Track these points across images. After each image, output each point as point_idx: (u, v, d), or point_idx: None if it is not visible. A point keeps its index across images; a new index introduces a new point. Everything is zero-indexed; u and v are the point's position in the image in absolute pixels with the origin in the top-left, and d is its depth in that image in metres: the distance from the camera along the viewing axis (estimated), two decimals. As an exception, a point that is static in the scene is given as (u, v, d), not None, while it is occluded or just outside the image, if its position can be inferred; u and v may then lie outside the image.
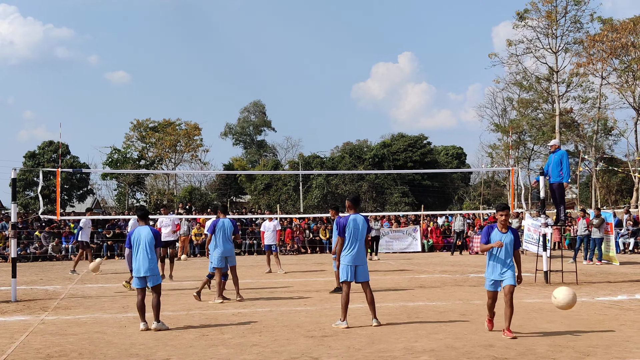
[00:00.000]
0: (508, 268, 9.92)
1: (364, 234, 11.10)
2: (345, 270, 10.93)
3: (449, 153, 72.27)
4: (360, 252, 10.99)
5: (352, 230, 10.97)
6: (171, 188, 63.73)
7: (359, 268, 10.97)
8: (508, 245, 9.94)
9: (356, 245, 10.96)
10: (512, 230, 10.08)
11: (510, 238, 9.97)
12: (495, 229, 10.08)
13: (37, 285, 18.74)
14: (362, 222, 11.13)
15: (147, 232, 11.00)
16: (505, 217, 10.03)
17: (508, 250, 9.94)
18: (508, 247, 9.94)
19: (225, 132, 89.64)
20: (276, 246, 21.90)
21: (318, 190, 59.22)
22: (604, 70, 51.15)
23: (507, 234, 9.99)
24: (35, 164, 57.94)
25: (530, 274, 19.29)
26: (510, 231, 10.03)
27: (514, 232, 10.08)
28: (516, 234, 10.13)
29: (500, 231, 10.02)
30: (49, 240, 30.67)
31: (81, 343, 9.80)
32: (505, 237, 9.97)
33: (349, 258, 10.93)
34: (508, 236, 9.98)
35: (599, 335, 9.95)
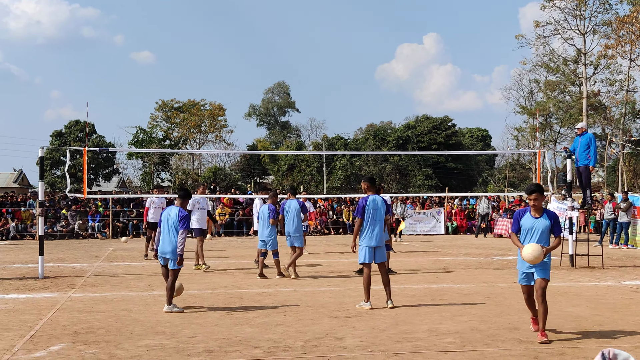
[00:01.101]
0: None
1: (383, 215, 11.09)
2: (364, 251, 10.91)
3: (474, 135, 71.80)
4: (379, 233, 10.97)
5: (371, 211, 10.95)
6: (196, 168, 64.08)
7: (378, 250, 10.96)
8: (543, 231, 8.62)
9: (376, 226, 10.94)
10: (550, 214, 8.74)
11: (545, 224, 8.63)
12: (527, 213, 8.82)
13: (64, 262, 18.95)
14: (381, 202, 11.11)
15: (176, 213, 10.80)
16: (536, 201, 8.67)
17: (543, 237, 8.62)
18: (543, 234, 8.62)
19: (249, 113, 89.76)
20: (307, 227, 22.18)
21: (342, 172, 59.20)
22: (633, 52, 50.39)
23: (540, 218, 8.69)
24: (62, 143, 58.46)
25: (556, 257, 19.18)
26: (545, 215, 8.72)
27: (551, 216, 8.70)
28: (555, 218, 8.74)
29: (533, 216, 8.73)
30: (75, 218, 30.99)
31: (108, 320, 9.91)
32: (538, 223, 8.67)
33: (368, 239, 10.92)
34: (542, 221, 8.66)
35: (625, 319, 9.87)
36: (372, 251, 10.90)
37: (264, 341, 8.47)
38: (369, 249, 10.89)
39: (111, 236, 30.47)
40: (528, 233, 8.72)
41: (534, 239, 8.62)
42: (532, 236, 8.66)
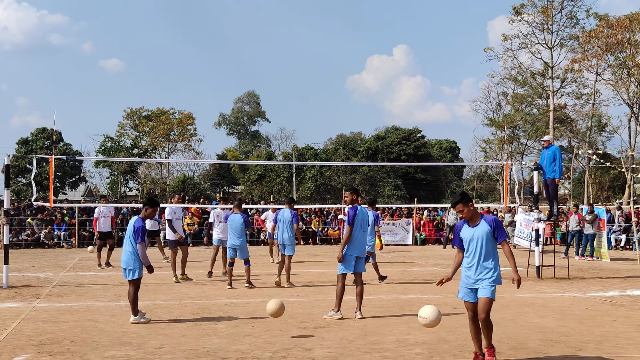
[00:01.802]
0: (486, 271, 7.79)
1: (367, 225, 11.20)
2: (349, 261, 10.90)
3: (443, 147, 72.32)
4: (363, 243, 11.02)
5: (360, 221, 10.99)
6: (164, 177, 63.65)
7: (360, 260, 10.99)
8: (485, 239, 7.70)
9: (362, 236, 10.99)
10: (488, 220, 7.78)
11: (484, 230, 7.71)
12: (465, 224, 7.90)
13: (29, 272, 18.69)
14: (366, 213, 11.20)
15: (131, 224, 10.57)
16: (462, 212, 7.78)
17: (488, 245, 7.73)
18: (486, 241, 7.70)
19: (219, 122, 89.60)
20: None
21: (311, 182, 59.24)
22: (599, 66, 51.26)
23: (478, 226, 7.77)
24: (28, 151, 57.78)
25: (522, 268, 19.35)
26: (483, 221, 7.77)
27: (490, 221, 7.77)
28: (495, 222, 7.83)
29: (471, 226, 7.83)
30: (41, 227, 30.59)
31: (73, 331, 9.78)
32: (477, 231, 7.75)
33: (354, 249, 10.92)
34: (480, 228, 7.73)
35: (590, 330, 9.98)
36: (354, 260, 10.92)
37: (232, 352, 8.42)
38: (353, 259, 10.90)
39: (77, 245, 30.10)
40: (470, 244, 7.79)
41: (478, 248, 7.69)
42: (475, 246, 7.72)
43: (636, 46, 48.52)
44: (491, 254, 7.78)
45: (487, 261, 7.76)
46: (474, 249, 7.74)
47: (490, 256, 7.77)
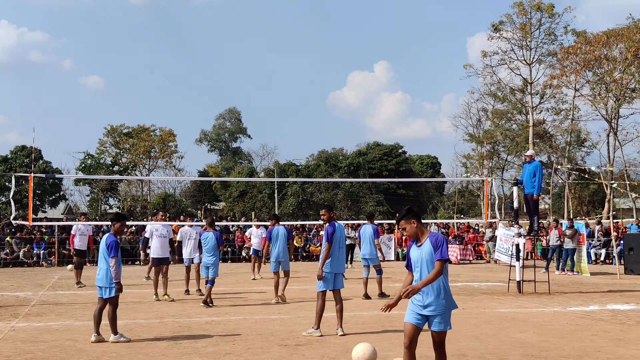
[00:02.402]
0: (434, 297, 6.90)
1: (344, 241, 11.24)
2: (328, 278, 10.89)
3: (424, 162, 72.63)
4: (342, 260, 11.06)
5: (338, 239, 11.02)
6: (145, 194, 63.34)
7: (338, 276, 10.99)
8: (428, 260, 6.89)
9: (340, 253, 11.02)
10: (431, 238, 6.94)
11: (427, 250, 6.92)
12: (413, 243, 7.14)
13: (8, 291, 18.49)
14: (343, 230, 11.24)
15: (104, 240, 10.50)
16: (405, 230, 7.11)
17: (429, 267, 6.88)
18: (428, 264, 6.89)
19: (200, 139, 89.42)
20: (261, 252, 22.54)
21: (293, 198, 59.17)
22: (577, 82, 51.72)
23: (423, 245, 6.99)
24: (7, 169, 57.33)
25: (503, 283, 19.42)
26: (427, 240, 6.96)
27: (432, 240, 6.93)
28: (437, 239, 6.95)
29: (418, 245, 7.06)
30: (20, 246, 30.31)
31: (52, 350, 9.68)
32: (422, 251, 6.98)
33: (333, 266, 10.93)
34: (425, 248, 6.95)
35: (570, 345, 10.02)
36: (334, 277, 10.92)
37: (213, 371, 8.36)
38: (332, 275, 10.90)
39: (57, 264, 29.84)
40: (415, 265, 7.02)
41: (424, 269, 6.89)
42: (420, 267, 6.94)
43: (614, 62, 49.08)
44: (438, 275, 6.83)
45: (435, 283, 6.85)
46: (420, 271, 6.93)
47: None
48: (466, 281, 21.30)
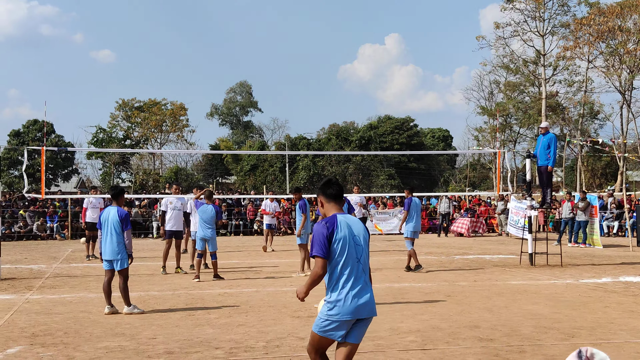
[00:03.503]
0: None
1: None
2: None
3: (436, 135, 72.33)
4: None
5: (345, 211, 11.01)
6: (157, 168, 63.50)
7: None
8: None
9: None
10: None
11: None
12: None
13: (22, 264, 18.63)
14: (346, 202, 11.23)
15: (114, 214, 10.52)
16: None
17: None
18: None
19: (211, 113, 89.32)
20: (275, 225, 22.69)
21: (304, 172, 59.18)
22: (591, 54, 51.29)
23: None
24: (20, 143, 57.54)
25: (515, 256, 19.41)
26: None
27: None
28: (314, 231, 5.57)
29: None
30: (33, 219, 30.50)
31: (66, 322, 9.76)
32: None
33: None
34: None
35: (583, 316, 10.01)
36: None
37: (226, 342, 8.41)
38: None
39: (70, 237, 30.03)
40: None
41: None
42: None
43: (627, 33, 48.55)
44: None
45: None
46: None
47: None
48: (478, 254, 21.30)
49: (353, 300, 5.40)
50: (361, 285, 5.47)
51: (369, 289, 5.56)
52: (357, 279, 5.46)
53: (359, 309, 5.42)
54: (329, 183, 5.76)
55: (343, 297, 5.39)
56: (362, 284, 5.48)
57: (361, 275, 5.49)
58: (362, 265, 5.53)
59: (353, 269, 5.45)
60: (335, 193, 5.73)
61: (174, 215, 16.46)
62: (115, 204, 10.78)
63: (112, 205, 10.79)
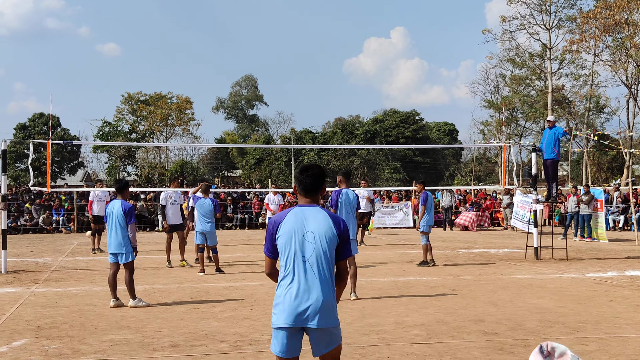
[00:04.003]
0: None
1: (354, 207, 11.14)
2: None
3: (441, 129, 72.21)
4: (351, 226, 10.98)
5: (344, 204, 10.97)
6: (162, 162, 63.55)
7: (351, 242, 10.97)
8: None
9: (348, 219, 10.95)
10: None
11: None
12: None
13: (28, 257, 18.70)
14: (353, 196, 11.17)
15: (119, 207, 10.51)
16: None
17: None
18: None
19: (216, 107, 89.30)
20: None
21: (310, 165, 59.14)
22: (597, 47, 51.04)
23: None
24: (26, 136, 57.65)
25: (520, 250, 19.39)
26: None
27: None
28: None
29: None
30: (39, 212, 30.59)
31: (72, 315, 9.79)
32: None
33: None
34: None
35: (588, 311, 9.99)
36: None
37: (231, 335, 8.43)
38: None
39: (76, 230, 30.12)
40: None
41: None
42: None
43: (634, 26, 48.28)
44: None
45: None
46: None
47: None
48: (483, 247, 21.28)
49: (292, 304, 4.61)
50: (305, 288, 4.62)
51: (320, 294, 4.62)
52: (300, 280, 4.64)
53: (300, 314, 4.60)
54: (303, 171, 4.92)
55: (281, 300, 4.68)
56: (307, 286, 4.63)
57: (308, 276, 4.65)
58: (310, 266, 4.67)
59: (295, 269, 4.68)
60: (305, 187, 4.89)
61: (174, 209, 16.56)
62: (120, 197, 10.78)
63: (117, 198, 10.79)
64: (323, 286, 4.65)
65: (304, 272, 4.67)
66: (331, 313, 4.66)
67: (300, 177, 4.89)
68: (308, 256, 4.68)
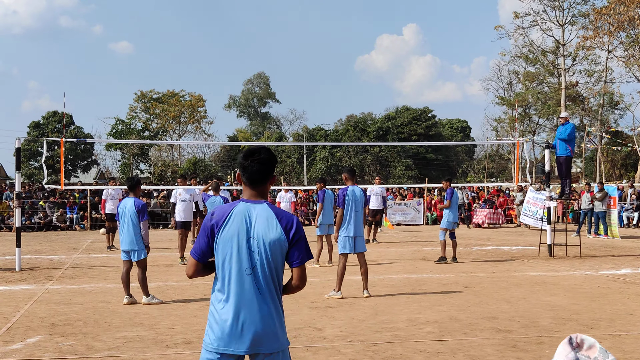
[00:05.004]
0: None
1: (362, 205, 11.11)
2: (345, 242, 10.90)
3: (454, 126, 72.05)
4: (359, 223, 10.97)
5: (351, 202, 10.94)
6: (175, 159, 63.74)
7: (358, 239, 10.96)
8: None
9: (356, 216, 10.94)
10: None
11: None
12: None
13: (42, 254, 18.79)
14: (360, 193, 11.13)
15: (131, 205, 10.54)
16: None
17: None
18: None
19: (229, 104, 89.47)
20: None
21: (322, 163, 59.19)
22: (610, 43, 50.77)
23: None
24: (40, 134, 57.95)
25: (533, 247, 19.31)
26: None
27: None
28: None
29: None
30: (53, 210, 30.74)
31: (85, 312, 9.83)
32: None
33: (348, 229, 10.91)
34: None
35: (602, 308, 9.94)
36: (352, 241, 10.89)
37: (243, 332, 8.42)
38: (350, 239, 10.88)
39: (89, 228, 30.26)
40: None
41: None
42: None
43: (648, 22, 48.01)
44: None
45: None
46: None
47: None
48: (496, 245, 21.21)
49: (230, 326, 3.80)
50: (246, 307, 3.82)
51: (263, 314, 3.83)
52: (240, 297, 3.83)
53: (239, 339, 3.79)
54: (247, 156, 4.03)
55: (215, 320, 3.87)
56: (248, 304, 3.82)
57: (250, 292, 3.84)
58: (253, 279, 3.86)
59: (234, 283, 3.86)
60: (251, 175, 4.01)
61: (184, 206, 16.68)
62: (132, 195, 10.82)
63: (129, 196, 10.83)
64: (267, 303, 3.86)
65: (244, 286, 3.84)
66: (277, 335, 3.86)
67: (245, 163, 3.99)
68: (251, 267, 3.86)
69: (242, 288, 3.84)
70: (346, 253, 10.92)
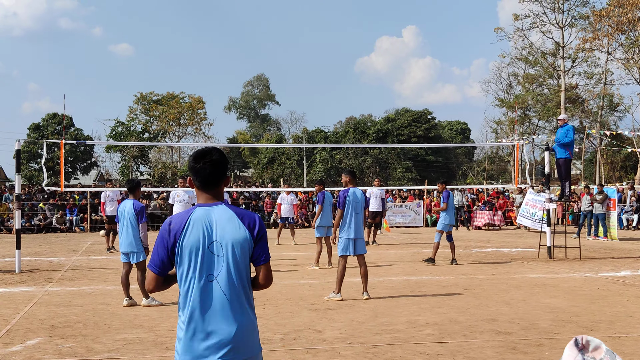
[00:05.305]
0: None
1: (362, 207, 11.10)
2: (345, 244, 10.90)
3: (453, 128, 72.03)
4: (359, 225, 10.97)
5: (352, 204, 10.93)
6: (175, 161, 63.73)
7: (358, 241, 10.96)
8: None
9: (356, 218, 10.94)
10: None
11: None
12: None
13: (41, 256, 18.79)
14: (361, 194, 11.13)
15: (130, 207, 10.55)
16: None
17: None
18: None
19: (229, 106, 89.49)
20: (292, 219, 22.64)
21: (322, 165, 59.18)
22: (610, 45, 50.75)
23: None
24: (40, 136, 57.94)
25: (533, 249, 19.31)
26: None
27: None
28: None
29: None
30: (53, 212, 30.74)
31: (85, 314, 9.84)
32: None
33: (348, 231, 10.91)
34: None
35: (602, 310, 9.95)
36: (352, 243, 10.89)
37: (243, 334, 8.42)
38: (350, 241, 10.88)
39: (89, 230, 30.26)
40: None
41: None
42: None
43: (648, 24, 48.03)
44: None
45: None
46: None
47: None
48: (496, 247, 21.22)
49: (194, 339, 3.62)
50: (214, 316, 3.63)
51: (234, 321, 3.64)
52: (208, 306, 3.64)
53: (210, 353, 3.60)
54: (198, 158, 3.85)
55: (182, 335, 3.66)
56: (216, 313, 3.64)
57: (218, 300, 3.65)
58: (220, 286, 3.66)
59: (200, 293, 3.65)
60: (204, 178, 3.84)
61: (182, 207, 16.65)
62: (132, 197, 10.82)
63: (129, 198, 10.83)
64: (235, 310, 3.66)
65: (211, 294, 3.65)
66: (250, 341, 3.70)
67: (197, 166, 3.80)
68: (216, 274, 3.67)
69: (210, 296, 3.64)
70: (346, 255, 10.93)
